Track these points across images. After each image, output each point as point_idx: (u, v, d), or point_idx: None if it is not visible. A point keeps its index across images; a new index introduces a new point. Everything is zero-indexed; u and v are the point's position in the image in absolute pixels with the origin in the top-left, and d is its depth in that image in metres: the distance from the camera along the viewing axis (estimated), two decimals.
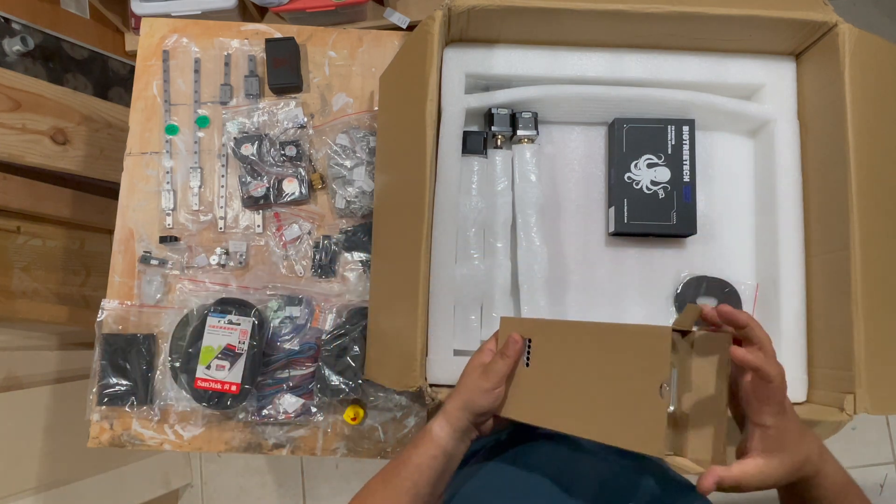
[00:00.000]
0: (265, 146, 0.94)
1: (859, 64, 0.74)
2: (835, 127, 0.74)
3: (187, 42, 0.99)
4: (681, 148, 0.84)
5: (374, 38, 1.00)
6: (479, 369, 0.62)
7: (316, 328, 0.91)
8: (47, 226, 1.27)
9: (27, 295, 1.22)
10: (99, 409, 0.90)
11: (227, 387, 0.84)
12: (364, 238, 0.94)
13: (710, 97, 0.84)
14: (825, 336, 0.76)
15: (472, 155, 0.84)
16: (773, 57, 0.84)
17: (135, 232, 0.95)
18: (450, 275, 0.77)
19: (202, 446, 0.90)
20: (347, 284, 0.94)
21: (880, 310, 0.71)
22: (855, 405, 0.69)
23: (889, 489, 1.72)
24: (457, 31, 0.81)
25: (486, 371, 0.61)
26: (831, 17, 0.75)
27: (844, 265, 0.72)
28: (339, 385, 0.86)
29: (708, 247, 0.87)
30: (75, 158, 1.22)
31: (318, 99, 0.98)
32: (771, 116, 0.83)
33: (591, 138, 0.90)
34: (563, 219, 0.88)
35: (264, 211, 0.95)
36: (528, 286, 0.82)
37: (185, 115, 0.97)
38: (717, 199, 0.88)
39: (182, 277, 0.93)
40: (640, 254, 0.87)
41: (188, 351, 0.86)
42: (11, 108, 1.10)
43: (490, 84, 0.86)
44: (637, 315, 0.86)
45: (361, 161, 0.93)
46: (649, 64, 0.84)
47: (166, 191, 0.95)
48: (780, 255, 0.80)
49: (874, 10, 1.84)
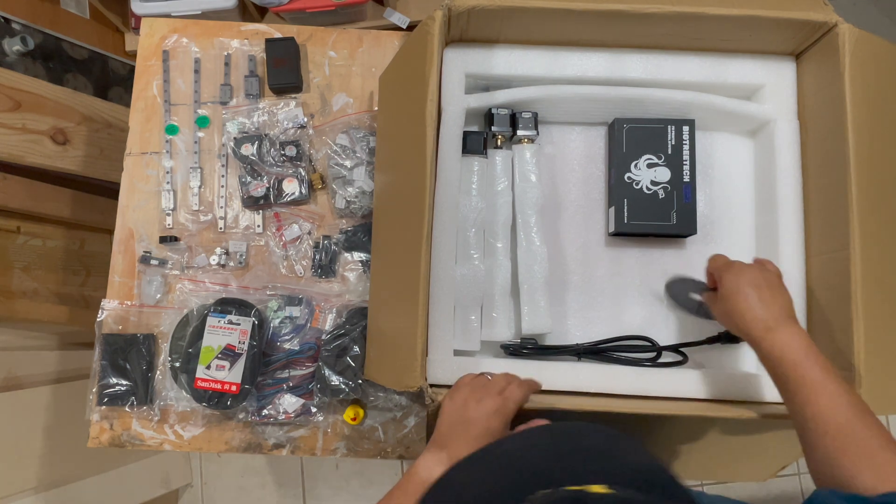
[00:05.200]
0: (265, 146, 0.94)
1: (859, 64, 0.73)
2: (835, 127, 0.74)
3: (187, 42, 0.99)
4: (681, 148, 0.84)
5: (374, 38, 1.00)
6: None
7: (316, 328, 0.91)
8: (47, 226, 1.27)
9: (27, 295, 1.22)
10: (99, 409, 0.90)
11: (227, 387, 0.84)
12: (364, 238, 0.94)
13: (710, 97, 0.84)
14: (825, 336, 0.76)
15: (472, 155, 0.84)
16: (772, 57, 0.84)
17: (135, 232, 0.95)
18: (450, 275, 0.77)
19: (202, 446, 0.90)
20: (347, 284, 0.94)
21: (880, 310, 0.71)
22: None
23: None
24: (457, 31, 0.81)
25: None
26: (831, 17, 0.75)
27: (844, 265, 0.72)
28: (339, 385, 0.86)
29: (708, 247, 0.87)
30: (75, 158, 1.22)
31: (318, 99, 0.98)
32: (771, 116, 0.83)
33: (591, 138, 0.90)
34: (563, 219, 0.88)
35: (264, 211, 0.95)
36: (528, 286, 0.82)
37: (185, 115, 0.97)
38: (717, 199, 0.88)
39: (182, 277, 0.93)
40: (640, 254, 0.87)
41: (188, 351, 0.86)
42: (11, 108, 1.10)
43: (490, 84, 0.86)
44: (637, 315, 0.86)
45: (361, 161, 0.93)
46: (649, 64, 0.84)
47: (166, 191, 0.95)
48: (780, 255, 0.80)
49: (874, 10, 1.84)
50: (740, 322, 0.65)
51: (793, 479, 1.73)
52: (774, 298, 0.65)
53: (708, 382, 0.77)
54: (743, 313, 0.65)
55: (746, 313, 0.64)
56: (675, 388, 0.76)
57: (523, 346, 0.82)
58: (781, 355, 0.61)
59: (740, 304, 0.65)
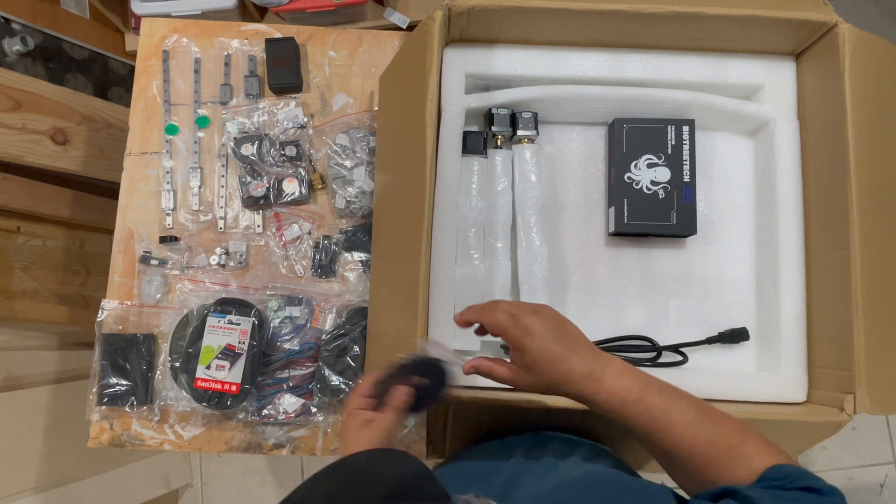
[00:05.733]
0: (265, 146, 0.94)
1: (859, 64, 0.73)
2: (835, 127, 0.74)
3: (187, 42, 0.99)
4: (681, 148, 0.84)
5: (374, 38, 1.00)
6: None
7: (316, 328, 0.91)
8: (47, 226, 1.27)
9: (27, 295, 1.22)
10: (99, 409, 0.90)
11: (227, 387, 0.84)
12: (364, 238, 0.94)
13: (710, 97, 0.84)
14: (825, 336, 0.76)
15: (472, 155, 0.84)
16: (773, 57, 0.84)
17: (135, 232, 0.95)
18: (450, 275, 0.77)
19: (202, 446, 0.90)
20: (347, 284, 0.94)
21: (880, 310, 0.71)
22: (855, 405, 0.69)
23: (889, 489, 1.72)
24: (457, 31, 0.81)
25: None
26: (831, 17, 0.75)
27: (844, 265, 0.72)
28: (339, 385, 0.86)
29: (708, 247, 0.87)
30: (75, 158, 1.22)
31: (318, 99, 0.98)
32: (771, 116, 0.83)
33: (591, 138, 0.90)
34: (563, 219, 0.88)
35: (264, 211, 0.95)
36: (528, 286, 0.82)
37: (185, 115, 0.97)
38: (717, 199, 0.88)
39: (182, 277, 0.93)
40: (640, 254, 0.87)
41: (188, 351, 0.86)
42: (11, 108, 1.10)
43: (490, 84, 0.86)
44: (637, 315, 0.86)
45: (361, 161, 0.93)
46: (649, 64, 0.84)
47: (166, 191, 0.95)
48: (780, 255, 0.80)
49: (874, 10, 1.84)
50: (566, 388, 0.55)
51: None
52: (576, 340, 0.57)
53: (708, 382, 0.77)
54: (567, 377, 0.55)
55: (570, 375, 0.55)
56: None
57: None
58: (622, 399, 0.54)
59: (560, 369, 0.55)
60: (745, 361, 0.84)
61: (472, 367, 0.60)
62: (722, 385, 0.77)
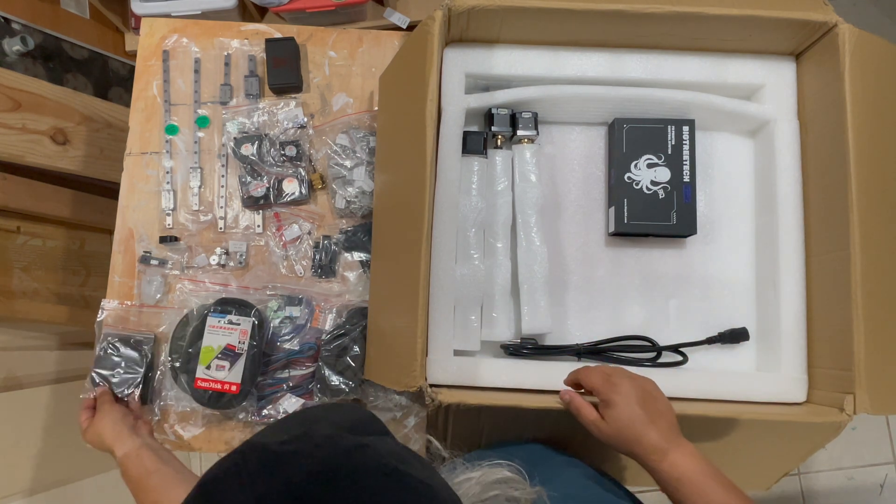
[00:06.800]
0: (265, 146, 0.94)
1: (859, 64, 0.73)
2: (835, 127, 0.74)
3: (187, 42, 0.99)
4: (681, 148, 0.84)
5: (374, 38, 1.00)
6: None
7: (316, 328, 0.91)
8: (47, 226, 1.27)
9: (27, 295, 1.22)
10: None
11: (227, 387, 0.84)
12: (364, 238, 0.94)
13: (710, 97, 0.84)
14: (825, 336, 0.76)
15: (472, 155, 0.84)
16: (772, 57, 0.84)
17: (135, 232, 0.95)
18: (450, 275, 0.77)
19: (202, 446, 0.90)
20: (347, 284, 0.94)
21: (880, 310, 0.71)
22: (855, 405, 0.69)
23: (889, 489, 1.72)
24: (457, 31, 0.81)
25: None
26: (831, 17, 0.75)
27: (844, 265, 0.72)
28: (339, 385, 0.86)
29: (708, 247, 0.87)
30: (75, 158, 1.22)
31: (318, 99, 0.98)
32: (771, 116, 0.83)
33: (591, 138, 0.90)
34: (563, 219, 0.88)
35: (264, 211, 0.95)
36: (528, 286, 0.82)
37: (185, 115, 0.97)
38: (717, 199, 0.88)
39: (182, 277, 0.93)
40: (640, 254, 0.87)
41: (188, 351, 0.86)
42: (11, 108, 1.10)
43: (490, 84, 0.86)
44: (637, 315, 0.86)
45: (361, 161, 0.93)
46: (649, 64, 0.84)
47: (166, 191, 0.95)
48: (780, 256, 0.80)
49: (874, 10, 1.84)
50: (636, 448, 0.61)
51: (793, 479, 1.73)
52: (662, 415, 0.62)
53: (708, 382, 0.77)
54: (639, 438, 0.61)
55: (643, 439, 0.61)
56: (674, 388, 0.75)
57: (523, 346, 0.82)
58: (680, 477, 0.59)
59: (636, 429, 0.61)
60: (745, 362, 0.84)
61: (569, 397, 0.67)
62: (722, 385, 0.77)
